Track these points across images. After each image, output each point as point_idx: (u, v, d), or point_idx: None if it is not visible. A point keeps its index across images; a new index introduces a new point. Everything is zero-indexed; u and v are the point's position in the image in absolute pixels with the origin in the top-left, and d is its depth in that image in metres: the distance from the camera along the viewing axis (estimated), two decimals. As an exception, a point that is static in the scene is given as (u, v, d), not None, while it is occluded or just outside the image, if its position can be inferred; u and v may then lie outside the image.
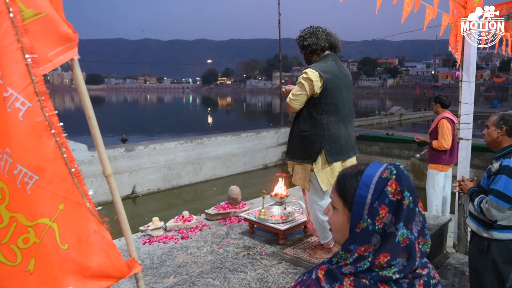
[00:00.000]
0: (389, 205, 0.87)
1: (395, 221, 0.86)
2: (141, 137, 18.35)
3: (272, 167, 11.22)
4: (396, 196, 0.87)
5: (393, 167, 0.91)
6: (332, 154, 2.78)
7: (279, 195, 3.11)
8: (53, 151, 0.93)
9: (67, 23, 0.91)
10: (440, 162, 4.79)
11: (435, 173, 4.85)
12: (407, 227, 0.86)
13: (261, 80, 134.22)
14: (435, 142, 4.73)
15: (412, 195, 0.88)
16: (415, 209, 0.88)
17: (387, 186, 0.88)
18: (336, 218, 0.96)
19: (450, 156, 4.75)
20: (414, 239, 0.87)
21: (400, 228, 0.86)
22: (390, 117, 19.86)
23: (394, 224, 0.86)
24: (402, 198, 0.87)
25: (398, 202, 0.87)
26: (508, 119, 2.42)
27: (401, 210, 0.86)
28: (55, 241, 0.95)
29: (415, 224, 0.88)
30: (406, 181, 0.89)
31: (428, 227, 0.91)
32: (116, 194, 1.03)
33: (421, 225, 0.89)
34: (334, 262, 0.93)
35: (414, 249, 0.87)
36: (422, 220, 0.89)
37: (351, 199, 0.92)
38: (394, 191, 0.87)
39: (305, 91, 2.71)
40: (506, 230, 2.42)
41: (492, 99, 33.63)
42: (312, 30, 2.88)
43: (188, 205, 7.98)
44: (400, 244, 0.85)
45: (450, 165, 4.84)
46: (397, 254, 0.85)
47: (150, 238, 3.02)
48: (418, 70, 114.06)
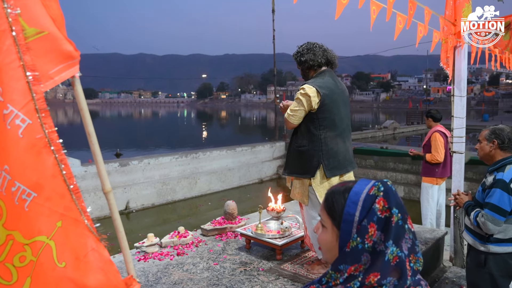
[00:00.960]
0: (377, 223, 0.86)
1: (384, 238, 0.85)
2: (135, 151, 18.27)
3: (268, 181, 11.19)
4: (384, 213, 0.87)
5: (381, 184, 0.91)
6: (331, 169, 2.79)
7: (276, 209, 3.10)
8: (52, 168, 0.93)
9: (69, 41, 0.92)
10: (434, 175, 4.82)
11: (429, 187, 4.88)
12: (396, 244, 0.85)
13: (256, 95, 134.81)
14: (429, 155, 4.78)
15: (401, 212, 0.87)
16: (404, 226, 0.87)
17: (375, 203, 0.88)
18: (325, 237, 0.96)
19: (443, 169, 4.79)
20: (404, 257, 0.85)
21: (389, 246, 0.84)
22: (383, 130, 20.00)
23: (383, 242, 0.85)
24: (390, 215, 0.86)
25: (387, 219, 0.86)
26: (499, 133, 2.46)
27: (389, 228, 0.85)
28: (52, 259, 0.94)
29: (405, 242, 0.86)
30: (394, 197, 0.89)
31: (418, 244, 0.90)
32: (115, 211, 1.03)
33: (411, 243, 0.88)
34: (324, 282, 0.91)
35: (405, 267, 0.85)
36: (412, 237, 0.88)
37: (339, 218, 0.92)
38: (382, 208, 0.87)
39: (303, 106, 2.74)
40: (502, 243, 2.43)
41: (483, 113, 34.01)
42: (309, 46, 2.92)
43: (182, 221, 7.91)
44: (390, 262, 0.84)
45: (443, 178, 4.87)
46: (388, 273, 0.84)
47: (145, 255, 2.98)
48: (410, 85, 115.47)
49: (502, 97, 71.04)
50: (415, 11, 2.90)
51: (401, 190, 9.04)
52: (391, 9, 2.47)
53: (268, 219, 3.17)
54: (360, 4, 2.11)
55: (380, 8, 2.38)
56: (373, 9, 2.30)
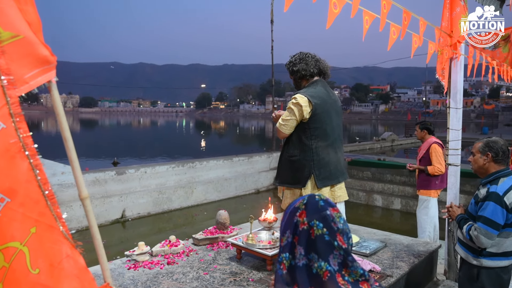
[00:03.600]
0: (299, 235, 0.88)
1: (306, 251, 0.85)
2: (133, 160, 18.23)
3: (264, 191, 11.15)
4: (303, 225, 0.87)
5: (307, 198, 0.92)
6: (322, 179, 2.78)
7: (268, 220, 3.08)
8: (27, 173, 0.91)
9: (46, 46, 0.91)
10: (432, 187, 4.79)
11: (427, 199, 4.84)
12: (323, 259, 0.85)
13: (254, 105, 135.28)
14: (431, 168, 4.74)
15: (327, 227, 0.87)
16: (332, 242, 0.87)
17: (296, 216, 0.88)
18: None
19: (441, 181, 4.77)
20: (334, 271, 0.85)
21: (314, 259, 0.84)
22: (382, 142, 20.00)
23: (305, 255, 0.85)
24: (309, 228, 0.87)
25: (305, 232, 0.86)
26: (493, 146, 2.44)
27: (310, 240, 0.85)
28: (26, 265, 0.92)
29: (333, 257, 0.86)
30: (316, 211, 0.89)
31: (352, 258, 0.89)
32: (92, 218, 1.01)
33: (343, 258, 0.87)
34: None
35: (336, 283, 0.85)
36: (343, 253, 0.88)
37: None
38: (303, 220, 0.87)
39: (295, 116, 2.73)
40: (495, 257, 2.41)
41: (483, 125, 34.12)
42: (302, 56, 2.92)
43: (178, 230, 7.85)
44: (321, 277, 0.84)
45: (440, 190, 4.85)
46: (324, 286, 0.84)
47: (135, 263, 2.95)
48: (409, 97, 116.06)
49: (502, 110, 71.36)
50: (410, 22, 2.91)
51: (398, 202, 9.01)
52: (384, 19, 2.48)
53: (259, 229, 3.15)
54: (352, 13, 2.11)
55: (373, 18, 2.38)
56: (366, 19, 2.31)
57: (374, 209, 9.38)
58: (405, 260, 3.04)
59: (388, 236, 3.76)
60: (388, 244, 3.41)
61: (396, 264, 2.96)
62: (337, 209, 0.93)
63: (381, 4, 2.39)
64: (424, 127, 4.97)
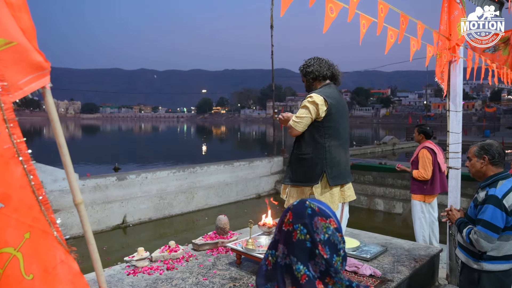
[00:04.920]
0: (282, 235, 0.90)
1: (287, 252, 0.86)
2: (134, 166, 18.23)
3: (265, 196, 11.13)
4: (288, 226, 0.89)
5: (299, 201, 0.93)
6: (333, 177, 2.82)
7: (267, 224, 3.07)
8: (21, 178, 0.91)
9: (40, 52, 0.92)
10: (423, 192, 4.75)
11: (419, 204, 4.81)
12: (302, 263, 0.86)
13: (255, 110, 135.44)
14: (415, 172, 4.72)
15: (310, 233, 0.87)
16: (313, 249, 0.87)
17: (286, 215, 0.90)
18: None
19: (431, 186, 4.69)
20: (313, 277, 0.85)
21: (293, 261, 0.85)
22: (383, 146, 19.98)
23: (287, 255, 0.86)
24: (292, 230, 0.88)
25: (288, 233, 0.88)
26: (488, 149, 2.44)
27: (291, 242, 0.86)
28: (19, 271, 0.92)
29: (314, 264, 0.86)
30: (301, 217, 0.89)
31: (337, 271, 0.88)
32: (87, 223, 1.00)
33: (325, 267, 0.87)
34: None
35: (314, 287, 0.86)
36: (325, 263, 0.87)
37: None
38: (287, 221, 0.89)
39: (310, 114, 2.78)
40: (496, 260, 2.39)
41: (484, 128, 34.07)
42: (316, 59, 3.03)
43: (179, 235, 7.83)
44: (299, 280, 0.84)
45: (433, 195, 4.77)
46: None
47: (135, 269, 2.93)
48: (410, 100, 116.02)
49: (503, 113, 71.29)
50: (408, 26, 2.92)
51: (399, 206, 8.97)
52: (382, 23, 2.48)
53: (259, 234, 3.14)
54: (349, 18, 2.12)
55: (370, 22, 2.39)
56: (363, 23, 2.31)
57: (376, 213, 9.35)
58: (406, 265, 3.03)
59: (389, 240, 3.74)
60: (388, 249, 3.40)
61: (397, 268, 2.95)
62: (329, 220, 0.91)
63: (378, 8, 2.40)
64: (422, 131, 4.92)
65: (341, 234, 0.94)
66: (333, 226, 0.91)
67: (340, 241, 0.92)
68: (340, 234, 0.93)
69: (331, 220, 0.92)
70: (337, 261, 0.90)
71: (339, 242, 0.91)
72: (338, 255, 0.90)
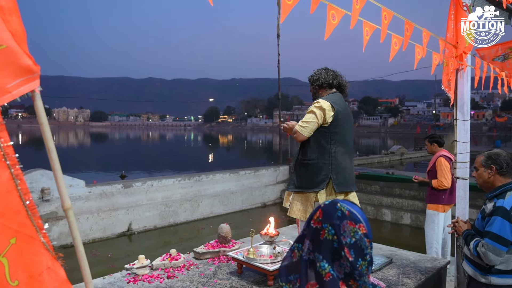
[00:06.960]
0: (310, 231, 0.90)
1: (312, 248, 0.87)
2: (141, 173, 18.29)
3: (271, 205, 11.07)
4: (316, 224, 0.89)
5: (331, 201, 0.95)
6: (338, 184, 2.80)
7: (269, 234, 3.02)
8: (7, 183, 0.89)
9: (29, 55, 0.90)
10: (440, 202, 4.66)
11: (435, 214, 4.71)
12: (328, 261, 0.86)
13: (262, 119, 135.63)
14: (435, 181, 4.63)
15: (337, 235, 0.88)
16: (339, 251, 0.88)
17: (316, 212, 0.90)
18: None
19: (450, 196, 4.62)
20: (337, 277, 0.86)
21: (318, 258, 0.86)
22: (390, 156, 19.83)
23: (312, 251, 0.87)
24: (321, 228, 0.89)
25: (316, 230, 0.88)
26: (496, 158, 2.37)
27: (318, 239, 0.87)
28: (4, 277, 0.90)
29: (340, 265, 0.87)
30: (330, 217, 0.89)
31: (362, 274, 0.89)
32: (75, 229, 0.98)
33: (350, 270, 0.87)
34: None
35: (338, 286, 0.86)
36: (350, 266, 0.88)
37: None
38: (316, 218, 0.89)
39: (317, 119, 2.78)
40: (505, 274, 2.31)
41: (495, 138, 33.65)
42: (324, 68, 3.08)
43: (184, 244, 7.79)
44: (323, 277, 0.85)
45: (450, 205, 4.70)
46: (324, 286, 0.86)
47: (135, 277, 2.90)
48: (419, 110, 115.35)
49: (515, 123, 70.41)
50: (413, 33, 2.89)
51: (407, 217, 8.86)
52: (385, 30, 2.46)
53: (261, 243, 3.09)
54: (351, 25, 2.10)
55: (373, 29, 2.36)
56: (366, 30, 2.29)
57: (383, 223, 9.23)
58: (411, 277, 2.96)
59: (394, 251, 3.67)
60: (394, 260, 3.32)
61: (402, 281, 2.88)
62: (359, 225, 0.92)
63: (382, 15, 2.38)
64: (434, 140, 4.87)
65: (370, 240, 0.95)
66: (362, 232, 0.92)
67: (367, 246, 0.93)
68: (369, 240, 0.94)
69: (361, 225, 0.93)
70: (362, 265, 0.91)
71: (366, 247, 0.92)
72: (364, 260, 0.91)
